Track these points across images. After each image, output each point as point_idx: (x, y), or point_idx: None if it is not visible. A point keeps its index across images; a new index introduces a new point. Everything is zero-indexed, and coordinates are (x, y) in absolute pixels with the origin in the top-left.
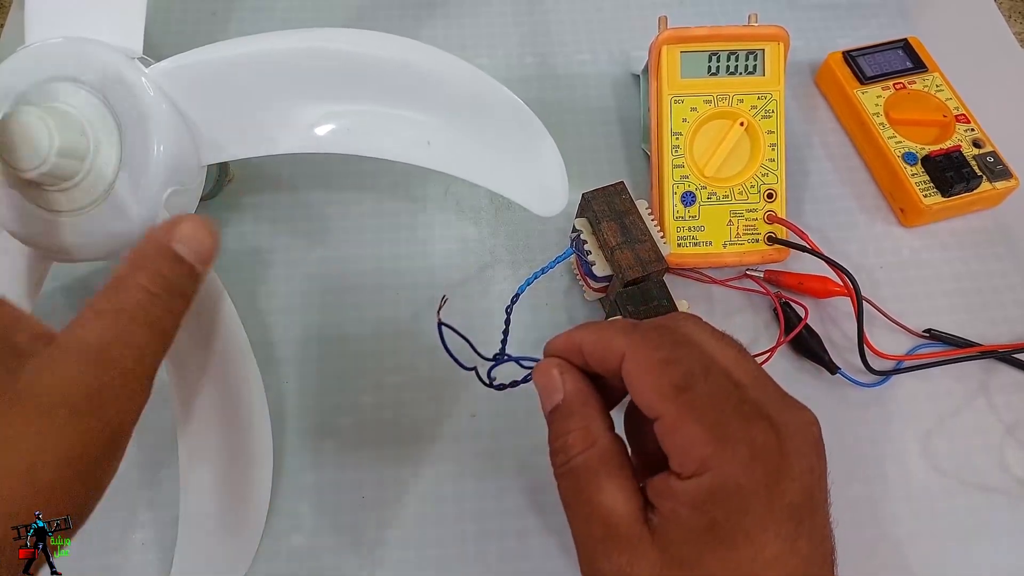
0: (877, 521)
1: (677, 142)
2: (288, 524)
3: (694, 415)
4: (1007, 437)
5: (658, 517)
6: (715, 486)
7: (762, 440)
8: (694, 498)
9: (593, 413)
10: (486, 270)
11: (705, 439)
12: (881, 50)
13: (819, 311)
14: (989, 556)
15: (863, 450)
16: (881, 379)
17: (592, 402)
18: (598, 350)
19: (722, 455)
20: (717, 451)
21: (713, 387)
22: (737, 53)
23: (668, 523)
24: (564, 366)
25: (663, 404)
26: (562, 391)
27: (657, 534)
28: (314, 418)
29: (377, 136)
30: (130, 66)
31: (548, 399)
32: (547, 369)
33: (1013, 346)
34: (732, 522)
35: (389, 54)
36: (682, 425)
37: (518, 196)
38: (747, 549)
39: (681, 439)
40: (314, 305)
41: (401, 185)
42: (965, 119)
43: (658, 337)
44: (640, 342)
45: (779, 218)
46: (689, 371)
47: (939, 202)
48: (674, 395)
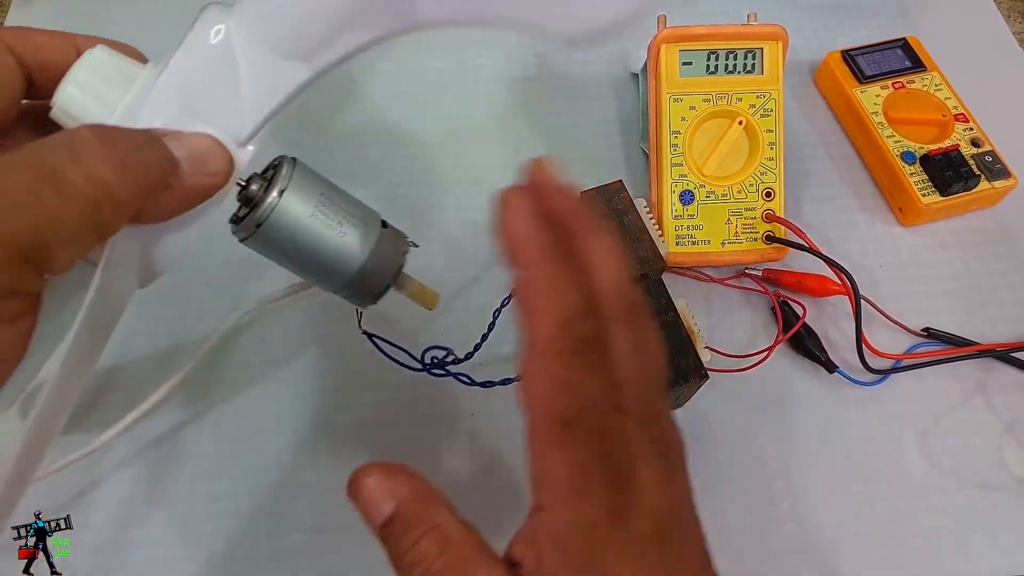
0: (875, 519)
1: (676, 141)
2: (287, 523)
3: (564, 455)
4: (1005, 436)
5: (524, 572)
6: (571, 521)
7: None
8: (553, 533)
9: (436, 510)
10: (486, 269)
11: (566, 474)
12: (880, 49)
13: (817, 310)
14: (987, 553)
15: (861, 449)
16: (879, 378)
17: (432, 498)
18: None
19: (579, 492)
20: (574, 489)
21: (599, 424)
22: (736, 52)
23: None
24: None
25: (542, 429)
26: (392, 501)
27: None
28: (313, 417)
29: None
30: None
31: (375, 516)
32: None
33: (1011, 345)
34: (597, 558)
35: None
36: (550, 455)
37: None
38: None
39: (545, 469)
40: (313, 304)
41: (402, 184)
42: (964, 118)
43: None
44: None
45: (778, 217)
46: (585, 404)
47: (938, 201)
48: (557, 427)
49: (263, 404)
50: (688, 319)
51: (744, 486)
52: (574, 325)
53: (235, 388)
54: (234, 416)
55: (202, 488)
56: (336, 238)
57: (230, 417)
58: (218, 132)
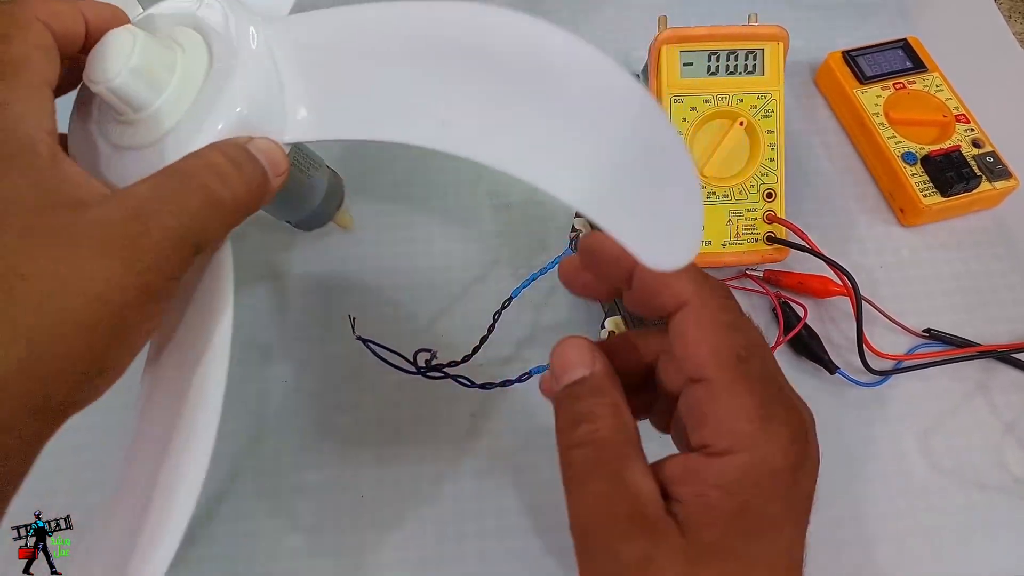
0: (876, 520)
1: None
2: (287, 523)
3: (747, 387)
4: (1006, 436)
5: (679, 504)
6: (750, 466)
7: (798, 427)
8: (726, 479)
9: (620, 395)
10: (486, 270)
11: (752, 414)
12: (881, 50)
13: (818, 311)
14: (988, 554)
15: (862, 449)
16: (880, 379)
17: (619, 386)
18: (653, 283)
19: (764, 434)
20: (760, 429)
21: (766, 366)
22: (737, 53)
23: (693, 508)
24: (590, 344)
25: (719, 369)
26: (591, 366)
27: (680, 520)
28: (313, 417)
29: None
30: (244, 19)
31: (568, 372)
32: (576, 343)
33: (1012, 346)
34: (762, 507)
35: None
36: (733, 395)
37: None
38: (771, 537)
39: (727, 409)
40: (313, 304)
41: (402, 184)
42: (965, 119)
43: (725, 298)
44: (709, 296)
45: (779, 218)
46: (751, 343)
47: (938, 202)
48: (733, 363)
49: (263, 404)
50: None
51: None
52: (715, 284)
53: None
54: (234, 416)
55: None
56: (306, 180)
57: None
58: (273, 134)
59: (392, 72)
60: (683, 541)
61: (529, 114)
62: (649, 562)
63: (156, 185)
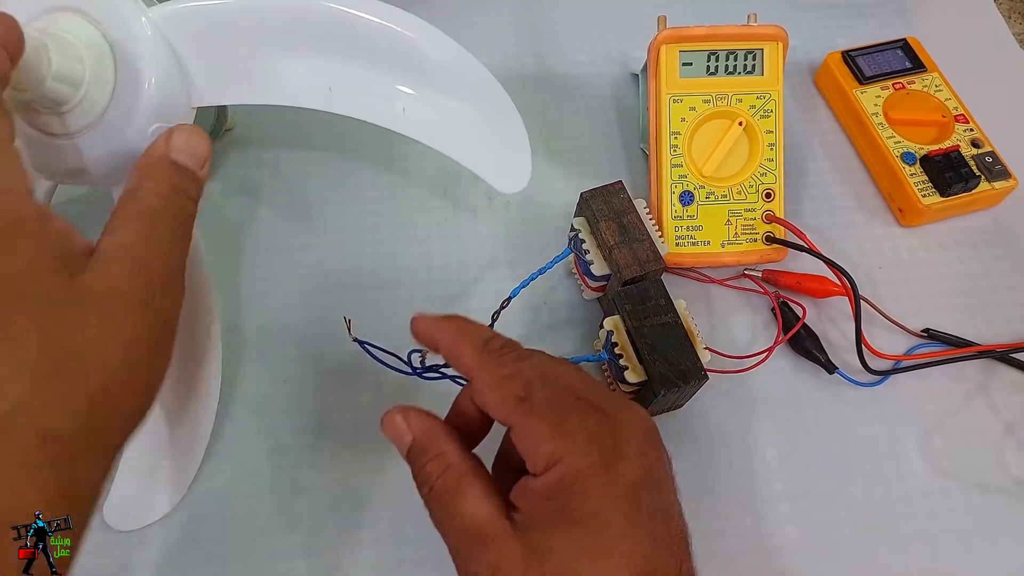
0: (875, 520)
1: (676, 142)
2: (287, 523)
3: (536, 417)
4: (1005, 437)
5: (519, 515)
6: (561, 475)
7: (595, 428)
8: (546, 490)
9: (442, 442)
10: (485, 270)
11: (548, 435)
12: (880, 50)
13: (817, 311)
14: (987, 555)
15: (861, 450)
16: (879, 379)
17: (439, 433)
18: (451, 357)
19: (564, 445)
20: (559, 443)
21: (550, 391)
22: (736, 53)
23: (527, 518)
24: (407, 412)
25: (510, 414)
26: (410, 434)
27: (518, 530)
28: (312, 417)
29: (356, 98)
30: (132, 5)
31: (401, 445)
32: (391, 420)
33: (1011, 346)
34: (578, 505)
35: (377, 19)
36: (528, 428)
37: (483, 170)
38: (594, 528)
39: (530, 440)
40: (312, 304)
41: (400, 184)
42: (964, 119)
43: (499, 355)
44: (487, 360)
45: (777, 218)
46: (528, 382)
47: (938, 202)
48: (517, 404)
49: (263, 404)
50: (687, 320)
51: (743, 487)
52: (491, 342)
53: (234, 387)
54: (234, 416)
55: (202, 488)
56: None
57: (229, 417)
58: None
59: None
60: (520, 547)
61: (400, 82)
62: (496, 570)
63: (134, 232)
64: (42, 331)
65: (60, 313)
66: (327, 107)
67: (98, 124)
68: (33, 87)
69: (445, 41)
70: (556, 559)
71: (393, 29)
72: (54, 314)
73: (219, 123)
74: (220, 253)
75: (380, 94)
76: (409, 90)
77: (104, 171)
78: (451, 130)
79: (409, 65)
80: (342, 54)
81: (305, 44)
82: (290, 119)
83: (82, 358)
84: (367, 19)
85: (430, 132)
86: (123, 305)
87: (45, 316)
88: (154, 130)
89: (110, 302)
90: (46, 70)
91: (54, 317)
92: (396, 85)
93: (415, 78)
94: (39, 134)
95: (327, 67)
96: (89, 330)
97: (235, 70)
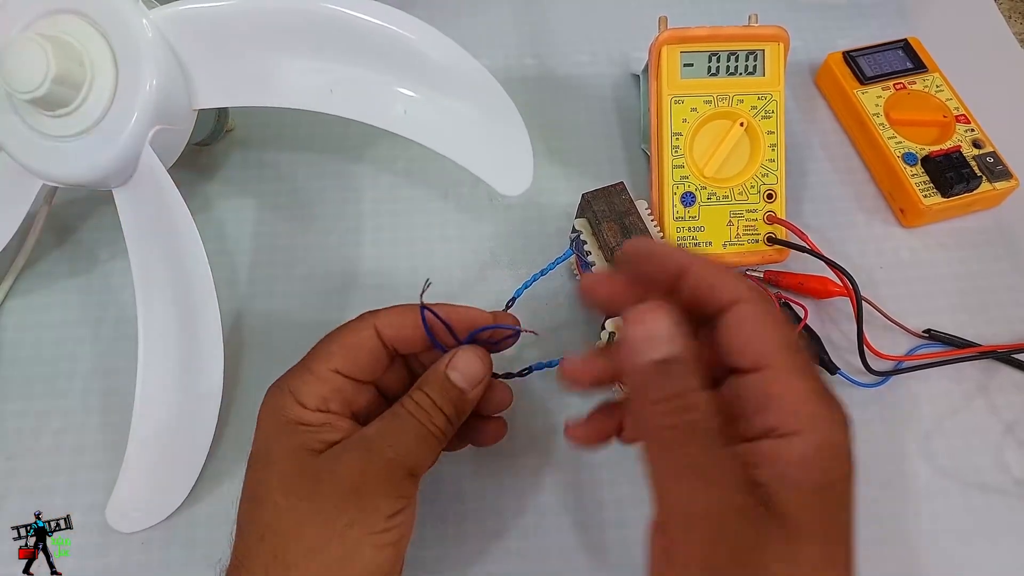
0: (876, 521)
1: (677, 142)
2: None
3: (805, 373)
4: (1007, 437)
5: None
6: (823, 442)
7: (845, 411)
8: (804, 456)
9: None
10: (486, 271)
11: (812, 396)
12: (881, 50)
13: (819, 312)
14: (988, 556)
15: (862, 451)
16: (881, 380)
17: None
18: (711, 281)
19: (827, 413)
20: (821, 409)
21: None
22: (737, 53)
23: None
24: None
25: (780, 357)
26: (679, 343)
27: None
28: None
29: (356, 100)
30: (133, 7)
31: (651, 348)
32: (658, 313)
33: (1012, 346)
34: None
35: (377, 21)
36: (796, 379)
37: (484, 173)
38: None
39: (793, 392)
40: (313, 304)
41: (401, 184)
42: (965, 119)
43: (769, 300)
44: (760, 294)
45: (779, 219)
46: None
47: (939, 202)
48: (792, 351)
49: None
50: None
51: None
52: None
53: (236, 388)
54: (235, 417)
55: (202, 488)
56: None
57: (231, 418)
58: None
59: (283, 47)
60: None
61: (400, 84)
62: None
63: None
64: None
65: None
66: (328, 109)
67: (99, 126)
68: (32, 89)
69: (445, 42)
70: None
71: (393, 31)
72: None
73: (220, 124)
74: (221, 254)
75: (380, 96)
76: (409, 92)
77: (105, 173)
78: (452, 132)
79: (409, 66)
80: (343, 56)
81: (306, 46)
82: (291, 120)
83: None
84: (367, 21)
85: (431, 134)
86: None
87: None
88: (155, 132)
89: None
90: (45, 73)
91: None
92: (396, 87)
93: (415, 79)
94: (40, 136)
95: (328, 69)
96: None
97: (236, 72)
